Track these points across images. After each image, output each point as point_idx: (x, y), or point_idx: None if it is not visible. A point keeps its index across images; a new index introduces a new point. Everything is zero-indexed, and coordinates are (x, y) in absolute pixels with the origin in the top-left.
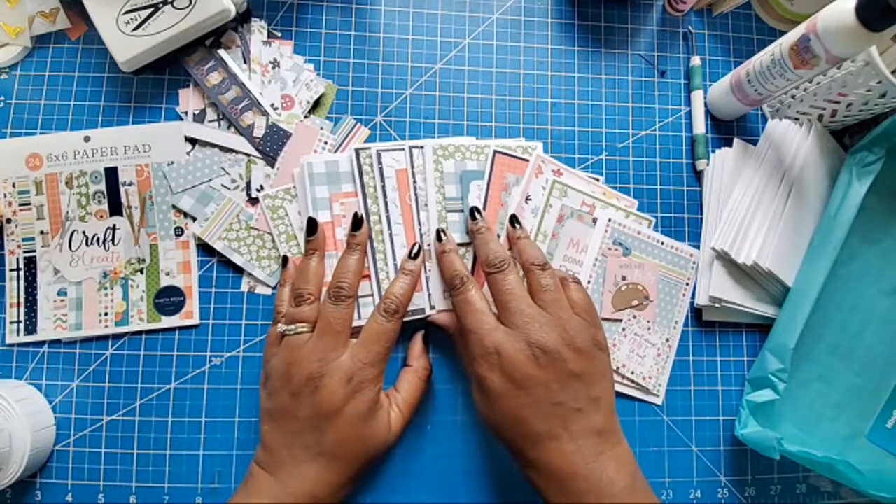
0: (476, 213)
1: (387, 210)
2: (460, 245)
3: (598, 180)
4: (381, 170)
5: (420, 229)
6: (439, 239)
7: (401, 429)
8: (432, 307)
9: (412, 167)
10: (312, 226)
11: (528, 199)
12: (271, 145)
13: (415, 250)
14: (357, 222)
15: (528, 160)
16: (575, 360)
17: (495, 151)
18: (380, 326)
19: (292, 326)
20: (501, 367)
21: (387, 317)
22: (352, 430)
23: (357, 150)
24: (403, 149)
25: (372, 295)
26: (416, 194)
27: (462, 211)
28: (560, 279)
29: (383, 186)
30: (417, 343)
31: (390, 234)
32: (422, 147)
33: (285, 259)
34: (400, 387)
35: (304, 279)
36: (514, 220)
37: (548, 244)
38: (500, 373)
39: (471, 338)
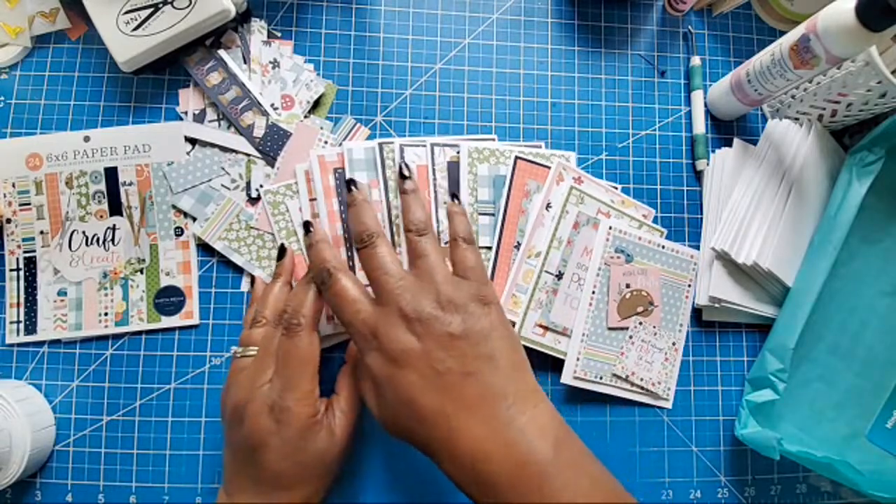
0: (352, 186)
1: None
2: (482, 248)
3: (616, 188)
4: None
5: (438, 227)
6: (307, 232)
7: (348, 432)
8: None
9: (433, 164)
10: (282, 251)
11: (548, 206)
12: (271, 145)
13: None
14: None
15: (549, 167)
16: (454, 321)
17: (517, 157)
18: (284, 347)
19: (241, 349)
20: (380, 348)
21: (286, 334)
22: (284, 459)
23: (380, 144)
24: (425, 145)
25: None
26: (435, 191)
27: (493, 215)
28: (451, 240)
29: None
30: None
31: None
32: (444, 146)
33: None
34: (339, 388)
35: (263, 302)
36: (402, 171)
37: (562, 251)
38: (380, 354)
39: (350, 332)
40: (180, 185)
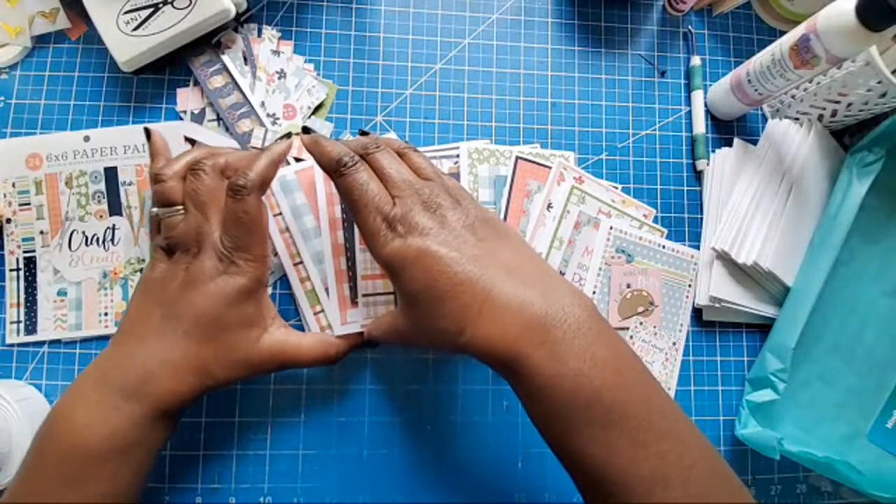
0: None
1: None
2: None
3: (616, 188)
4: None
5: None
6: (307, 132)
7: (275, 346)
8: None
9: None
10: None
11: (549, 206)
12: None
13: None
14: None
15: (550, 167)
16: (471, 209)
17: (517, 157)
18: (229, 209)
19: (161, 210)
20: (406, 233)
21: (232, 196)
22: (210, 305)
23: None
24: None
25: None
26: None
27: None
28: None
29: None
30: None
31: None
32: (441, 157)
33: (148, 131)
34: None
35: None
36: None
37: (563, 251)
38: (407, 237)
39: (369, 218)
40: None
